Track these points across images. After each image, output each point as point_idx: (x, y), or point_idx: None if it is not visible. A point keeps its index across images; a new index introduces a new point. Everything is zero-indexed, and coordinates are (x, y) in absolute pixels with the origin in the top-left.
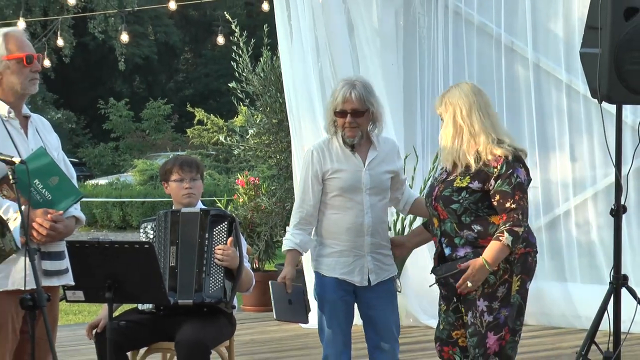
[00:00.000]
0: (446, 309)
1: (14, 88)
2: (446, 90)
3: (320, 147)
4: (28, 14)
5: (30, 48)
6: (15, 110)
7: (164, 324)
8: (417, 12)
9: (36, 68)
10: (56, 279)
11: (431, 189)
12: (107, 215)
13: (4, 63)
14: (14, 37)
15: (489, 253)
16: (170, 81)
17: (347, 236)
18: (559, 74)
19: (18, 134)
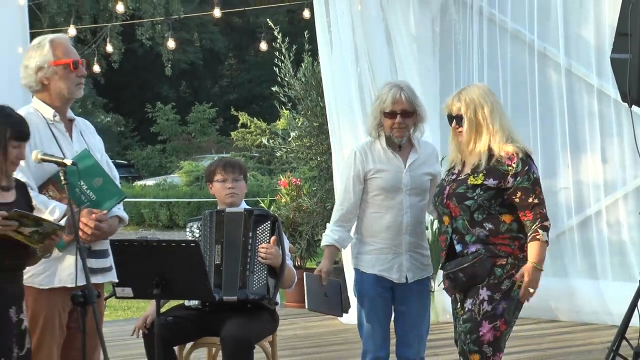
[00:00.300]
0: (455, 304)
1: (60, 92)
2: (461, 89)
3: (363, 148)
4: (78, 21)
5: (76, 54)
6: (60, 114)
7: (209, 320)
8: (453, 19)
9: (81, 73)
10: (101, 276)
11: (441, 189)
12: (155, 214)
13: (51, 69)
14: (60, 43)
15: (534, 255)
16: (215, 86)
17: (386, 234)
18: (590, 78)
19: (63, 137)
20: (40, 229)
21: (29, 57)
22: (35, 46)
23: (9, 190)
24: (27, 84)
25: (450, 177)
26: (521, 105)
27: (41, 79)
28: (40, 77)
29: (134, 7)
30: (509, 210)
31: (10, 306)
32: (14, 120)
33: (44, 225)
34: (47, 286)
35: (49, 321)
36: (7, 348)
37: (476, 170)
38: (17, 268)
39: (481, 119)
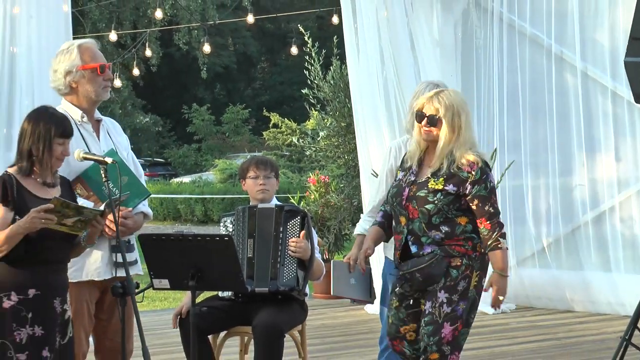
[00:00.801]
0: (398, 305)
1: (88, 95)
2: (439, 91)
3: (398, 144)
4: (119, 27)
5: (102, 58)
6: (88, 115)
7: (242, 310)
8: (474, 25)
9: (108, 76)
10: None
11: (399, 190)
12: (190, 210)
13: (79, 73)
14: (87, 48)
15: (499, 263)
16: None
17: None
18: (605, 81)
19: (90, 137)
20: (82, 217)
21: (58, 62)
22: (64, 51)
23: (55, 187)
24: (56, 87)
25: (410, 178)
26: (539, 107)
27: (70, 82)
28: (69, 81)
29: (172, 14)
30: (465, 213)
31: (55, 297)
32: (58, 118)
33: (85, 212)
34: (75, 280)
35: (78, 312)
36: (51, 337)
37: (436, 174)
38: (61, 261)
39: (456, 125)
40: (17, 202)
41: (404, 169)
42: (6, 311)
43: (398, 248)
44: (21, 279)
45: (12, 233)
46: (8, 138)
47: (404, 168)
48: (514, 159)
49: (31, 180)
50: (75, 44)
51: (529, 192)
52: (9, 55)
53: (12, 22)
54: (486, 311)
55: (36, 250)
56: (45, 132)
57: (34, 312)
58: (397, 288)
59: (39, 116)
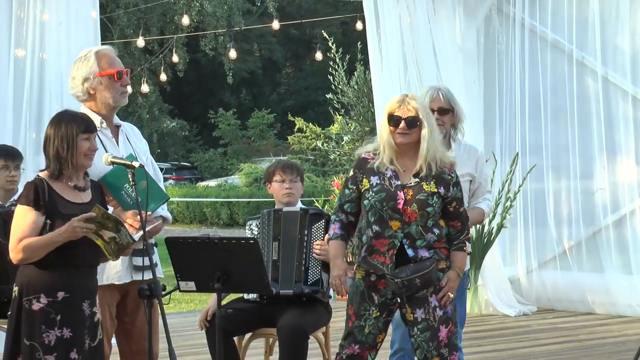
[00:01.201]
0: (379, 315)
1: (106, 101)
2: (408, 94)
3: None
4: (147, 33)
5: (120, 64)
6: (107, 121)
7: (267, 312)
8: (496, 31)
9: (126, 82)
10: (147, 273)
11: (390, 194)
12: (217, 213)
13: (97, 79)
14: (104, 55)
15: (460, 263)
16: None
17: None
18: (625, 86)
19: (110, 142)
20: (118, 237)
21: (76, 69)
22: (82, 58)
23: (85, 190)
24: (74, 94)
25: (395, 182)
26: (560, 111)
27: (88, 89)
28: (87, 88)
29: (198, 20)
30: (442, 216)
31: (84, 300)
32: (79, 117)
33: (122, 232)
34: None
35: (105, 315)
36: (80, 339)
37: (424, 177)
38: (91, 265)
39: (432, 126)
40: (49, 207)
41: (377, 173)
42: (35, 313)
43: (385, 253)
44: (50, 281)
45: (51, 241)
46: (37, 142)
47: (376, 173)
48: (536, 162)
49: (62, 184)
50: (92, 51)
51: (551, 195)
52: (39, 61)
53: (42, 29)
54: (508, 313)
55: (67, 255)
56: (68, 131)
57: (63, 314)
58: (378, 297)
59: (60, 118)
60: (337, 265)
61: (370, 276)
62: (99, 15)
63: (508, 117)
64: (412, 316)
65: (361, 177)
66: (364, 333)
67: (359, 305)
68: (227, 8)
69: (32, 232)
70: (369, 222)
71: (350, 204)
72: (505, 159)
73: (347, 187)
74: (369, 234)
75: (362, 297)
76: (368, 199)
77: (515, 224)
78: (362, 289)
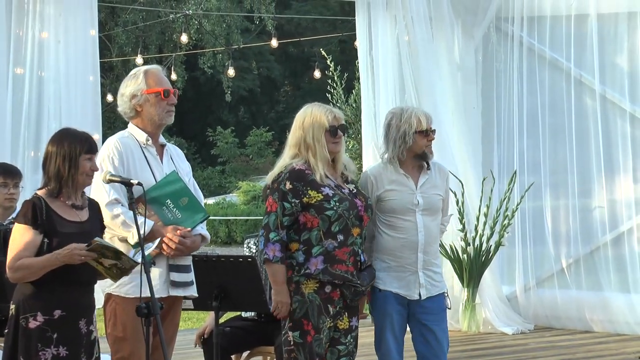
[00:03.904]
0: (331, 325)
1: (152, 119)
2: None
3: (376, 170)
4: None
5: (167, 83)
6: (152, 139)
7: (264, 330)
8: (495, 49)
9: (172, 101)
10: (182, 289)
11: (350, 203)
12: (214, 231)
13: (144, 96)
14: (153, 73)
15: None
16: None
17: (401, 253)
18: (623, 104)
19: (154, 160)
20: (120, 263)
21: (125, 86)
22: (132, 76)
23: (82, 209)
24: (122, 110)
25: (344, 191)
26: (558, 129)
27: (134, 105)
28: (134, 104)
29: (197, 38)
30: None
31: (80, 318)
32: (82, 136)
33: (123, 260)
34: (133, 295)
35: (137, 329)
36: (76, 357)
37: (345, 179)
38: (88, 283)
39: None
40: (47, 225)
41: (324, 184)
42: (32, 331)
43: (348, 261)
44: (47, 299)
45: (48, 263)
46: (36, 161)
47: (322, 184)
48: (534, 180)
49: (60, 202)
50: (142, 70)
51: (549, 213)
52: (37, 79)
53: (41, 47)
54: (506, 331)
55: (63, 273)
56: (70, 150)
57: (59, 332)
58: (332, 308)
59: (63, 137)
60: (282, 292)
61: (325, 287)
62: (98, 33)
63: (506, 135)
64: (347, 324)
65: (304, 189)
66: (322, 345)
67: (317, 320)
68: (226, 26)
69: (30, 251)
70: (330, 233)
71: (289, 217)
72: (504, 177)
73: (286, 201)
74: (331, 245)
75: (319, 311)
76: (333, 209)
77: (513, 242)
78: (317, 302)
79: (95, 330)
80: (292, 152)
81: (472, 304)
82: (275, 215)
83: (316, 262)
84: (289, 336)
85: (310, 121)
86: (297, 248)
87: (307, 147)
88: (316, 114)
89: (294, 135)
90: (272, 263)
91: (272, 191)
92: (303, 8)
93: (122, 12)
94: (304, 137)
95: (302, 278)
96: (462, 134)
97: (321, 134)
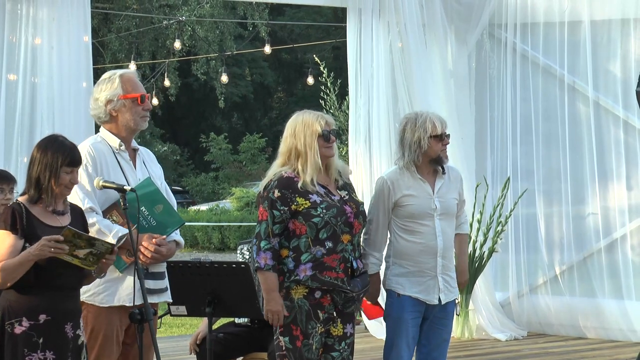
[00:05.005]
0: (322, 330)
1: (127, 124)
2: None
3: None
4: (138, 57)
5: (142, 89)
6: (125, 144)
7: (258, 336)
8: (488, 56)
9: (147, 107)
10: (156, 296)
11: (339, 209)
12: (208, 237)
13: (120, 102)
14: (129, 78)
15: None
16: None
17: (420, 258)
18: (616, 111)
19: (127, 165)
20: (94, 249)
21: (100, 90)
22: (106, 80)
23: (64, 215)
24: (96, 115)
25: (334, 197)
26: (552, 136)
27: (110, 110)
28: (110, 109)
29: (190, 44)
30: None
31: (66, 322)
32: (67, 147)
33: (97, 245)
34: (107, 304)
35: (108, 337)
36: None
37: (344, 188)
38: (73, 287)
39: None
40: (27, 231)
41: (312, 192)
42: (17, 337)
43: (338, 268)
44: (32, 304)
45: (23, 260)
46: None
47: (310, 191)
48: (527, 187)
49: (40, 208)
50: (117, 74)
51: (542, 219)
52: (30, 85)
53: (34, 53)
54: (499, 338)
55: (47, 277)
56: (52, 160)
57: (45, 337)
58: (323, 313)
59: (48, 145)
60: (275, 299)
61: (315, 293)
62: (91, 39)
63: (499, 142)
64: (341, 331)
65: (292, 197)
66: (312, 351)
67: (306, 325)
68: (219, 32)
69: (11, 256)
70: (318, 240)
71: (279, 225)
72: (497, 184)
73: (275, 209)
74: (319, 252)
75: (308, 316)
76: (320, 217)
77: (506, 249)
78: (306, 308)
79: (83, 335)
80: (281, 160)
81: (465, 310)
82: (266, 223)
83: (305, 269)
84: (280, 341)
85: (301, 128)
86: (287, 255)
87: (298, 155)
88: (307, 120)
89: (284, 143)
90: (264, 271)
91: (263, 200)
92: (296, 15)
93: (115, 19)
94: (295, 144)
95: (292, 284)
96: (455, 141)
97: (313, 140)
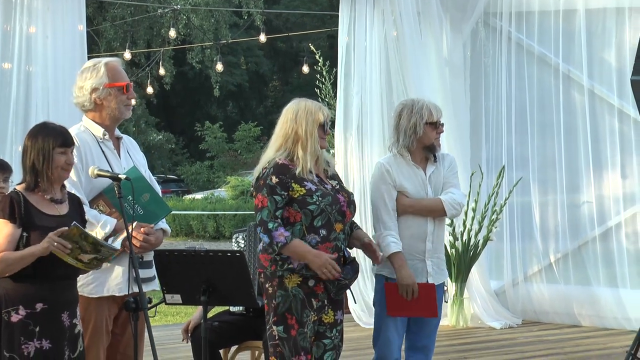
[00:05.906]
0: (316, 318)
1: (112, 113)
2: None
3: (389, 162)
4: (133, 46)
5: (127, 77)
6: (109, 133)
7: (253, 325)
8: (483, 44)
9: (132, 95)
10: (144, 285)
11: (333, 198)
12: (203, 226)
13: (106, 90)
14: (114, 67)
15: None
16: (260, 106)
17: (409, 241)
18: (611, 99)
19: (112, 154)
20: (99, 255)
21: (84, 79)
22: (90, 68)
23: (62, 203)
24: (80, 103)
25: (327, 187)
26: (547, 124)
27: (95, 99)
28: (95, 97)
29: (185, 33)
30: None
31: (63, 311)
32: (57, 130)
33: (103, 251)
34: (97, 295)
35: (97, 327)
36: (59, 351)
37: (334, 178)
38: (70, 277)
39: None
40: (25, 219)
41: (307, 179)
42: (14, 325)
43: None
44: (29, 293)
45: (26, 255)
46: None
47: (305, 179)
48: (522, 175)
49: (38, 196)
50: (102, 62)
51: (537, 208)
52: (25, 74)
53: (28, 42)
54: (494, 326)
55: (44, 267)
56: (44, 144)
57: (42, 325)
58: (316, 301)
59: (38, 131)
60: (316, 254)
61: (308, 282)
62: (86, 28)
63: (494, 130)
64: (332, 318)
65: (289, 183)
66: (307, 339)
67: (300, 313)
68: (214, 21)
69: (9, 245)
70: (312, 228)
71: (281, 210)
72: (492, 172)
73: (275, 194)
74: (314, 240)
75: (302, 305)
76: (316, 204)
77: (501, 237)
78: (301, 296)
79: (79, 324)
80: (278, 144)
81: (460, 298)
82: (267, 209)
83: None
84: (273, 331)
85: (304, 114)
86: None
87: (297, 140)
88: (310, 107)
89: (283, 127)
90: (289, 244)
91: (259, 188)
92: (292, 3)
93: (110, 7)
94: (296, 129)
95: (285, 272)
96: (450, 129)
97: (314, 127)
